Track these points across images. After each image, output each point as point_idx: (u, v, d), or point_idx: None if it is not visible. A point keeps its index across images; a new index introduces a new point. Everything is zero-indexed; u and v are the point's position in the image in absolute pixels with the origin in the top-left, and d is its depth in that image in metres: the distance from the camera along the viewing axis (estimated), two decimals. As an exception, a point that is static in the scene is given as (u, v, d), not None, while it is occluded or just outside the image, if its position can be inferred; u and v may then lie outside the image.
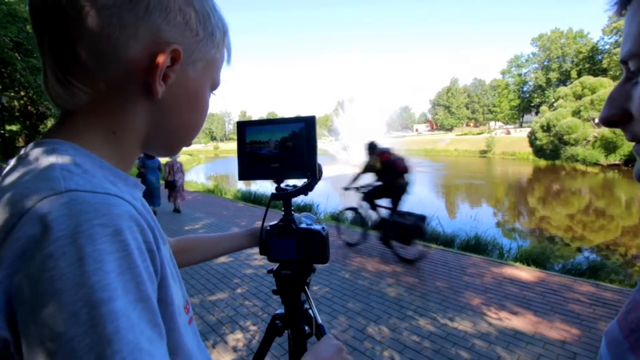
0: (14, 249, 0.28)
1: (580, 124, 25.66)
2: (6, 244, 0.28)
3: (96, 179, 0.34)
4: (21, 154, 0.37)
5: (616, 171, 21.41)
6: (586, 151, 25.03)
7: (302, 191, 0.85)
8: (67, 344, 0.26)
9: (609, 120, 0.33)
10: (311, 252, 0.85)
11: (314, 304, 0.86)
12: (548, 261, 4.63)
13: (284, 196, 0.86)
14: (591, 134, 25.27)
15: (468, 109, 75.19)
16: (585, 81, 28.06)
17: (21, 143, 21.82)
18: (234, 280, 3.94)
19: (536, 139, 29.00)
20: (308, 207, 7.80)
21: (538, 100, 53.64)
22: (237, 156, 0.84)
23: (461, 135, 53.08)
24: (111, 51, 0.36)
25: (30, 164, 0.34)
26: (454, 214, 10.56)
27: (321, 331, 0.83)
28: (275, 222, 0.89)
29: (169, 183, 7.91)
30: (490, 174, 22.73)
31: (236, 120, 0.83)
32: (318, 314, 0.85)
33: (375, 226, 4.72)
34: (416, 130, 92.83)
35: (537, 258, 4.58)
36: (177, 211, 8.05)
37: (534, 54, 56.10)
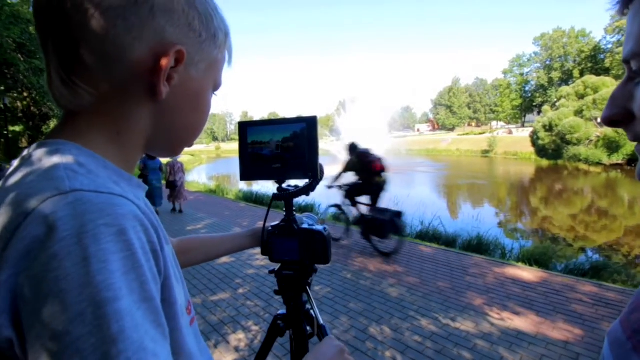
0: (19, 249, 0.28)
1: (583, 124, 25.57)
2: (11, 244, 0.28)
3: (100, 179, 0.34)
4: (24, 154, 0.37)
5: (619, 171, 21.31)
6: (589, 151, 24.93)
7: (304, 191, 0.85)
8: (73, 343, 0.26)
9: (611, 120, 0.33)
10: (313, 253, 0.85)
11: (315, 305, 0.86)
12: (550, 261, 4.62)
13: (285, 196, 0.86)
14: (594, 133, 25.17)
15: (470, 108, 75.01)
16: (587, 80, 27.95)
17: (24, 144, 21.93)
18: (236, 280, 3.95)
19: (538, 138, 28.91)
20: (310, 207, 7.81)
21: (540, 99, 53.40)
22: (239, 156, 0.84)
23: (463, 135, 53.00)
24: (116, 52, 0.36)
25: (34, 164, 0.34)
26: (456, 214, 10.53)
27: (323, 332, 0.83)
28: (277, 222, 0.89)
29: (170, 183, 7.97)
30: (492, 174, 22.67)
31: (238, 120, 0.82)
32: (320, 315, 0.85)
33: (356, 222, 4.99)
34: (418, 130, 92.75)
35: (540, 258, 4.57)
36: (179, 211, 8.12)
37: (536, 53, 55.87)
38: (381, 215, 4.53)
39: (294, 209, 0.89)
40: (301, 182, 0.87)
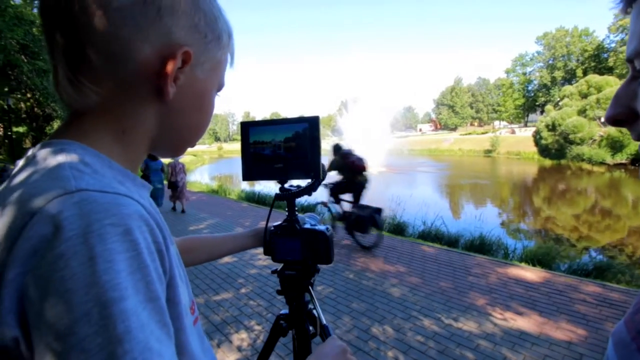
0: (25, 248, 0.28)
1: (586, 123, 25.44)
2: (18, 243, 0.28)
3: (106, 179, 0.34)
4: (29, 154, 0.37)
5: (623, 170, 21.19)
6: (592, 150, 24.80)
7: (306, 191, 0.85)
8: (79, 343, 0.26)
9: (614, 119, 0.33)
10: (315, 253, 0.85)
11: (318, 305, 0.86)
12: (554, 261, 4.60)
13: (288, 196, 0.86)
14: (597, 133, 25.04)
15: (472, 108, 74.79)
16: (590, 80, 27.80)
17: (28, 145, 22.06)
18: (239, 280, 3.96)
19: (541, 138, 28.79)
20: (312, 207, 7.81)
21: (543, 99, 53.07)
22: (241, 157, 0.84)
23: (465, 134, 52.84)
24: (123, 53, 0.36)
25: (40, 163, 0.34)
26: (458, 214, 10.50)
27: (326, 332, 0.83)
28: (280, 222, 0.89)
29: (171, 184, 8.03)
30: (495, 174, 22.60)
31: (240, 121, 0.83)
32: (322, 315, 0.85)
33: (340, 218, 5.28)
34: (420, 130, 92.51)
35: (543, 258, 4.55)
36: (182, 211, 8.16)
37: (538, 52, 55.55)
38: (362, 212, 4.80)
39: (296, 209, 0.89)
40: (303, 182, 0.87)
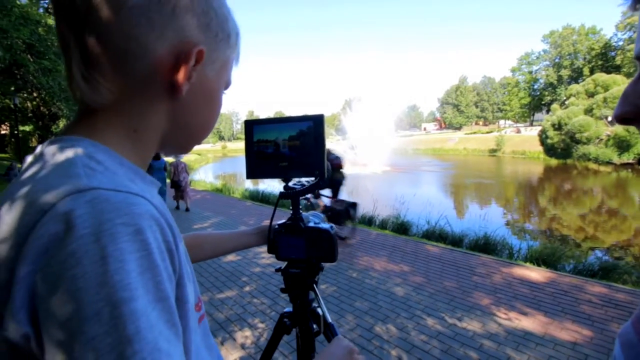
0: (37, 245, 0.28)
1: (593, 122, 25.18)
2: (29, 241, 0.28)
3: (117, 176, 0.34)
4: (39, 150, 0.37)
5: (629, 170, 20.95)
6: (599, 150, 24.56)
7: (311, 190, 0.85)
8: (89, 342, 0.26)
9: (623, 118, 0.33)
10: (319, 251, 0.85)
11: (323, 303, 0.86)
12: (559, 261, 4.56)
13: (292, 195, 0.86)
14: (604, 132, 24.78)
15: (477, 107, 74.20)
16: (597, 78, 27.50)
17: (34, 143, 22.29)
18: (242, 278, 3.97)
19: (547, 137, 28.56)
20: (315, 206, 7.82)
21: (549, 98, 52.48)
22: (245, 155, 0.84)
23: (470, 134, 52.45)
24: (138, 50, 0.36)
25: (51, 160, 0.34)
26: (462, 214, 10.45)
27: (332, 331, 0.83)
28: (284, 220, 0.89)
29: (174, 183, 8.08)
30: (500, 173, 22.44)
31: (244, 119, 0.83)
32: (328, 313, 0.85)
33: (321, 211, 5.87)
34: (424, 129, 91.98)
35: (548, 258, 4.51)
36: (186, 210, 8.22)
37: (545, 51, 54.86)
38: (338, 206, 5.24)
39: (300, 207, 0.89)
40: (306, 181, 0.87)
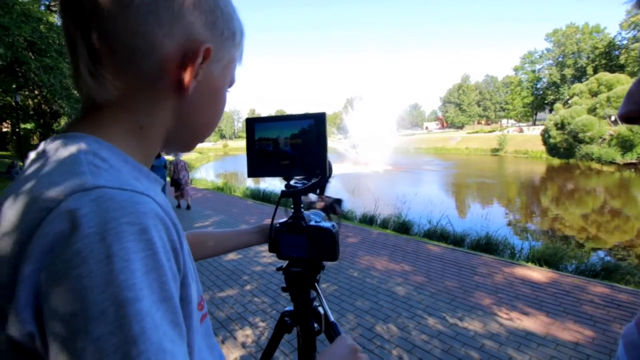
0: (42, 244, 0.28)
1: (596, 122, 25.04)
2: (34, 239, 0.28)
3: (122, 174, 0.34)
4: (42, 147, 0.37)
5: (632, 170, 20.83)
6: (602, 149, 24.42)
7: (313, 188, 0.84)
8: (94, 342, 0.26)
9: (627, 117, 0.33)
10: (321, 250, 0.84)
11: (325, 302, 0.86)
12: (561, 262, 4.55)
13: (293, 193, 0.86)
14: (607, 132, 24.64)
15: (479, 106, 73.92)
16: (601, 77, 27.33)
17: (35, 141, 22.37)
18: (243, 277, 3.98)
19: (550, 137, 28.41)
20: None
21: (552, 97, 52.22)
22: (247, 153, 0.83)
23: (472, 133, 52.31)
24: (146, 47, 0.36)
25: (55, 157, 0.34)
26: (464, 213, 10.43)
27: (335, 330, 0.83)
28: (285, 219, 0.89)
29: (174, 181, 8.10)
30: (502, 173, 22.37)
31: (245, 118, 0.83)
32: (330, 313, 0.85)
33: (307, 207, 5.99)
34: (426, 128, 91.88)
35: (550, 258, 4.50)
36: (187, 208, 8.26)
37: (548, 49, 54.58)
38: (323, 201, 5.54)
39: (302, 206, 0.89)
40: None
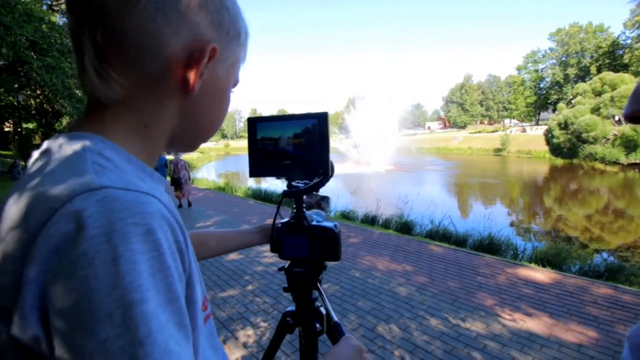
0: (47, 245, 0.28)
1: (600, 122, 24.92)
2: (39, 240, 0.28)
3: (127, 174, 0.34)
4: (47, 146, 0.37)
5: (637, 170, 20.73)
6: (605, 149, 24.31)
7: (314, 188, 0.84)
8: (100, 344, 0.26)
9: (633, 117, 0.32)
10: (323, 250, 0.84)
11: (328, 302, 0.85)
12: (564, 262, 4.52)
13: (295, 193, 0.85)
14: (611, 131, 24.52)
15: (482, 106, 73.68)
16: (605, 77, 27.19)
17: (37, 141, 22.53)
18: (245, 277, 3.98)
19: (553, 137, 28.30)
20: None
21: (555, 97, 52.04)
22: (248, 153, 0.83)
23: (475, 133, 52.25)
24: (153, 46, 0.36)
25: (60, 157, 0.34)
26: (466, 214, 10.41)
27: (339, 330, 0.82)
28: (287, 219, 0.88)
29: (174, 180, 8.16)
30: (505, 173, 22.31)
31: (246, 118, 0.82)
32: (333, 313, 0.85)
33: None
34: (428, 128, 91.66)
35: (553, 259, 4.47)
36: (188, 205, 8.36)
37: (551, 49, 54.35)
38: (310, 199, 5.86)
39: (303, 206, 0.88)
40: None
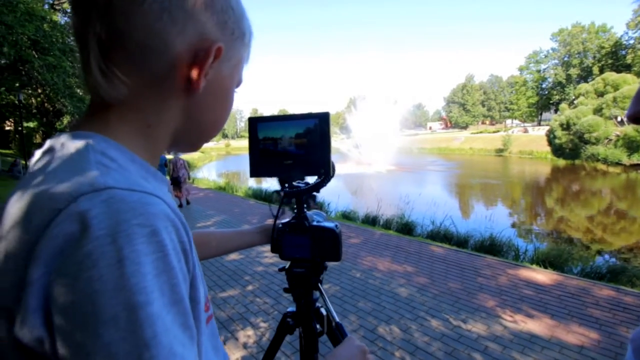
0: (51, 246, 0.27)
1: (602, 122, 24.87)
2: (43, 241, 0.28)
3: (131, 174, 0.34)
4: (50, 145, 0.37)
5: (639, 171, 20.65)
6: (608, 150, 24.26)
7: (315, 188, 0.83)
8: (105, 347, 0.25)
9: (636, 117, 0.32)
10: (324, 250, 0.84)
11: (329, 303, 0.85)
12: (566, 264, 4.51)
13: (296, 193, 0.85)
14: (613, 132, 24.47)
15: (484, 106, 73.50)
16: (607, 77, 27.14)
17: (38, 140, 22.60)
18: (245, 277, 3.98)
19: (555, 137, 28.27)
20: (319, 204, 7.87)
21: (557, 97, 51.85)
22: (249, 153, 0.82)
23: (476, 133, 52.11)
24: (159, 45, 0.36)
25: (63, 156, 0.34)
26: (468, 214, 10.39)
27: (341, 331, 0.82)
28: (288, 219, 0.88)
29: (173, 179, 8.21)
30: (507, 174, 22.27)
31: (247, 117, 0.82)
32: (335, 313, 0.84)
33: (285, 202, 6.91)
34: (430, 128, 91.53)
35: (555, 260, 4.46)
36: (187, 203, 8.43)
37: (553, 49, 54.15)
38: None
39: (304, 206, 0.88)
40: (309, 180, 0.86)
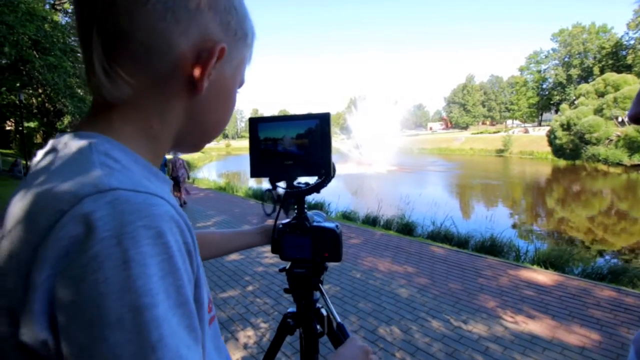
0: (56, 248, 0.27)
1: (603, 123, 24.84)
2: (47, 243, 0.28)
3: (135, 176, 0.34)
4: (52, 146, 0.36)
5: (640, 172, 20.63)
6: (608, 151, 24.24)
7: (316, 189, 0.83)
8: (111, 349, 0.25)
9: (637, 118, 0.32)
10: (325, 250, 0.83)
11: (330, 304, 0.85)
12: (567, 264, 4.50)
13: (297, 194, 0.85)
14: (614, 132, 24.45)
15: (484, 106, 73.44)
16: (608, 78, 27.11)
17: (39, 140, 22.60)
18: (245, 278, 3.97)
19: (556, 138, 28.24)
20: (319, 205, 7.84)
21: (558, 97, 51.80)
22: (250, 153, 0.82)
23: (477, 133, 52.11)
24: (162, 46, 0.36)
25: (67, 157, 0.33)
26: (468, 215, 10.38)
27: (343, 331, 0.82)
28: (288, 219, 0.88)
29: (173, 179, 8.22)
30: (507, 174, 22.25)
31: (248, 118, 0.82)
32: (337, 314, 0.84)
33: (276, 200, 7.00)
34: (430, 128, 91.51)
35: (556, 261, 4.45)
36: (184, 203, 8.43)
37: (554, 49, 54.10)
38: (279, 194, 5.91)
39: (305, 206, 0.87)
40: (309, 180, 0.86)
